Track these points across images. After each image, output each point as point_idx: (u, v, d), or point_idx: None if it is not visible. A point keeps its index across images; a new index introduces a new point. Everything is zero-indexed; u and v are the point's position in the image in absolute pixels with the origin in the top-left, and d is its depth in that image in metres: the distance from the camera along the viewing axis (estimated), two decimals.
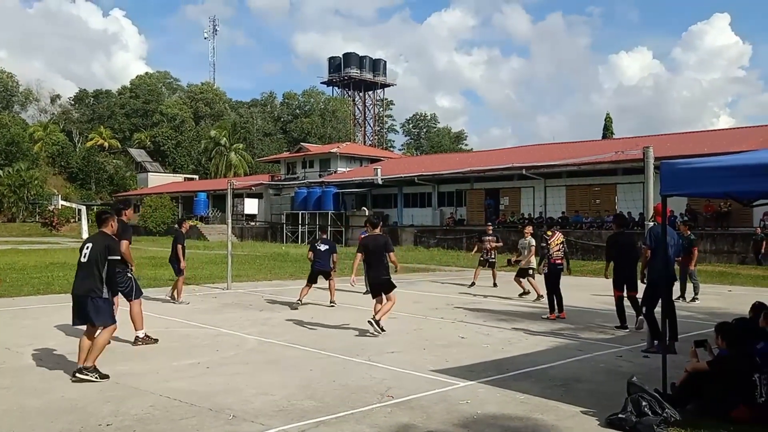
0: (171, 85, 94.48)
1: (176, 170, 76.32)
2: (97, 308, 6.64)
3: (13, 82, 79.54)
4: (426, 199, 40.72)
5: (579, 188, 32.64)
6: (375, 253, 9.16)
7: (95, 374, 6.53)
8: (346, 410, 5.61)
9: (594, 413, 5.56)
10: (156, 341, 8.57)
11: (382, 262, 9.15)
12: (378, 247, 9.17)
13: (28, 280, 15.94)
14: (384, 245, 9.20)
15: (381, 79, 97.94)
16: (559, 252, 11.27)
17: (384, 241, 9.27)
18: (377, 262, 9.17)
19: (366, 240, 9.42)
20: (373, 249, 9.18)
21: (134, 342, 8.49)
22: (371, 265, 9.28)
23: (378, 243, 9.21)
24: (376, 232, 9.39)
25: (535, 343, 8.90)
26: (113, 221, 7.19)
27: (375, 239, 9.27)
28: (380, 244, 9.20)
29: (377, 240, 9.25)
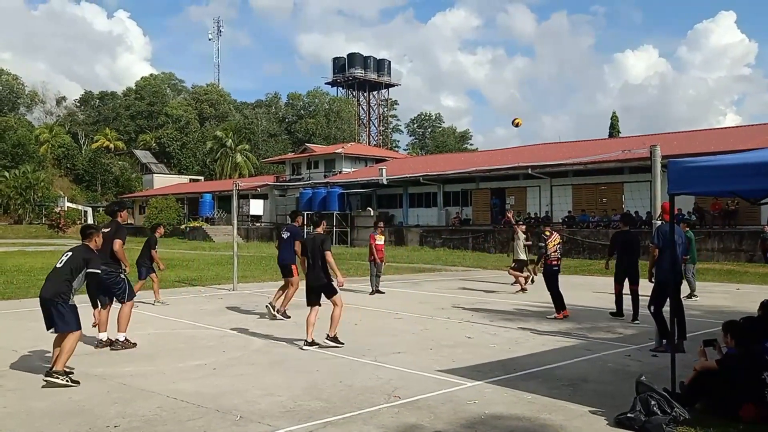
0: (176, 87, 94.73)
1: (181, 171, 76.53)
2: (61, 314, 6.58)
3: (18, 84, 79.95)
4: (431, 199, 40.69)
5: (585, 187, 32.56)
6: (312, 254, 8.47)
7: (65, 377, 6.41)
8: (353, 411, 5.60)
9: (602, 413, 5.53)
10: (134, 345, 8.37)
11: (320, 263, 8.40)
12: (315, 246, 8.47)
13: (35, 282, 15.95)
14: (321, 244, 8.46)
15: (385, 79, 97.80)
16: (556, 253, 11.20)
17: (321, 239, 8.56)
18: (314, 263, 8.45)
19: (305, 240, 8.89)
20: (311, 249, 8.51)
21: (112, 344, 8.30)
22: (309, 266, 8.56)
23: (315, 242, 8.51)
24: (318, 230, 8.77)
25: (542, 342, 8.87)
26: (97, 237, 7.23)
27: (313, 239, 8.61)
28: (317, 243, 8.49)
29: (315, 239, 8.58)
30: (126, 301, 8.47)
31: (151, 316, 11.23)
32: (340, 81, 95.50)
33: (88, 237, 7.12)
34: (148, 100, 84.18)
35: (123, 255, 8.45)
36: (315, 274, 8.44)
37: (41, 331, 9.41)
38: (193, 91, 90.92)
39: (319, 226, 8.92)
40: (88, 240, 7.11)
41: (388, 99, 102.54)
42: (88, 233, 7.16)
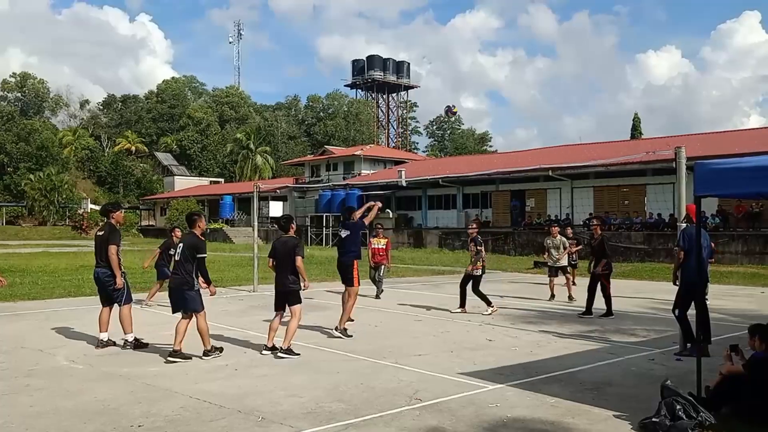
0: (197, 90, 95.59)
1: (202, 173, 77.19)
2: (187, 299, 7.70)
3: (44, 88, 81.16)
4: (451, 200, 40.59)
5: (607, 189, 32.25)
6: (282, 258, 8.15)
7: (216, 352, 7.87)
8: (374, 413, 5.60)
9: (626, 417, 5.48)
10: (147, 345, 8.44)
11: (289, 268, 8.09)
12: (286, 251, 8.14)
13: (60, 283, 16.22)
14: (292, 249, 8.12)
15: (404, 81, 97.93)
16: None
17: (293, 243, 8.22)
18: (284, 268, 8.13)
19: (275, 243, 8.41)
20: (281, 253, 8.17)
21: (123, 345, 8.40)
22: (277, 270, 8.23)
23: (287, 246, 8.17)
24: (290, 233, 8.36)
25: (565, 345, 8.80)
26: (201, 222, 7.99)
27: (284, 242, 8.25)
28: (289, 247, 8.15)
29: (287, 243, 8.22)
30: (124, 304, 8.42)
31: (174, 317, 11.31)
32: (359, 83, 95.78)
33: (193, 224, 7.88)
34: (169, 103, 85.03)
35: (116, 263, 8.25)
36: (282, 279, 8.18)
37: (67, 331, 9.60)
38: (213, 94, 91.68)
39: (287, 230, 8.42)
40: (194, 227, 7.86)
41: (407, 101, 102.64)
42: (192, 220, 7.93)
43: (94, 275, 8.59)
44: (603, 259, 11.43)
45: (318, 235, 44.34)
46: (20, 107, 76.93)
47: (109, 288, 8.40)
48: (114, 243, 8.28)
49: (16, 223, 59.39)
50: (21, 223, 59.45)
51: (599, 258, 11.50)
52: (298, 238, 8.58)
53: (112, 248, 8.23)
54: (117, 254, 8.28)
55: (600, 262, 11.41)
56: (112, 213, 8.67)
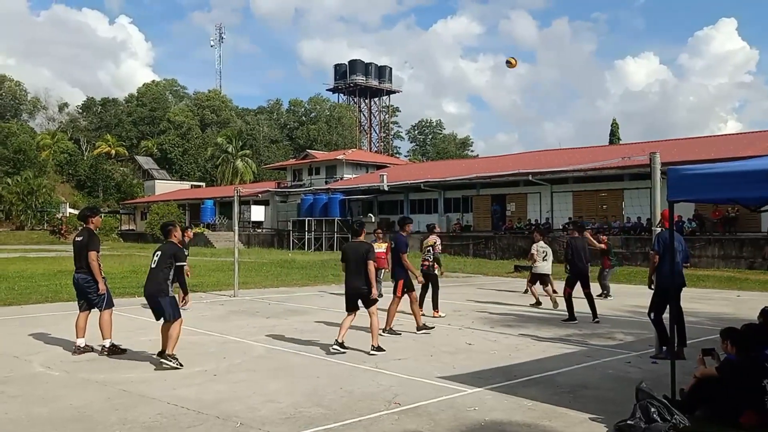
0: (178, 93, 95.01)
1: (183, 177, 76.65)
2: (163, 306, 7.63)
3: (21, 91, 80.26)
4: (432, 205, 40.73)
5: (586, 194, 32.58)
6: (355, 262, 8.46)
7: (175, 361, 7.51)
8: (354, 417, 5.61)
9: (602, 420, 5.54)
10: (125, 351, 8.37)
11: (361, 272, 8.39)
12: (359, 255, 8.44)
13: (36, 288, 16.01)
14: (365, 253, 8.43)
15: (386, 86, 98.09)
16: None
17: (366, 249, 8.53)
18: (356, 272, 8.43)
19: (347, 247, 8.74)
20: (354, 257, 8.48)
21: (101, 351, 8.32)
22: (349, 274, 8.54)
23: (359, 251, 8.49)
24: (360, 238, 8.75)
25: (543, 349, 8.87)
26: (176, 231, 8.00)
27: (356, 247, 8.57)
28: (361, 252, 8.46)
29: (358, 248, 8.53)
30: (104, 309, 8.35)
31: (152, 322, 11.22)
32: (341, 87, 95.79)
33: (169, 234, 7.89)
34: (149, 106, 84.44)
35: (97, 268, 8.20)
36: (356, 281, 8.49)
37: (43, 337, 9.49)
38: (195, 98, 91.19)
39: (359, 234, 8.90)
40: (170, 236, 7.87)
41: (389, 105, 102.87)
42: (167, 230, 7.95)
43: (74, 280, 8.49)
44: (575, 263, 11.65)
45: (300, 239, 44.22)
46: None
47: (89, 294, 8.32)
48: (93, 249, 8.23)
49: None
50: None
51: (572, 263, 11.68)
52: (369, 243, 8.86)
53: (92, 254, 8.17)
54: (97, 260, 8.22)
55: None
56: (91, 218, 8.58)
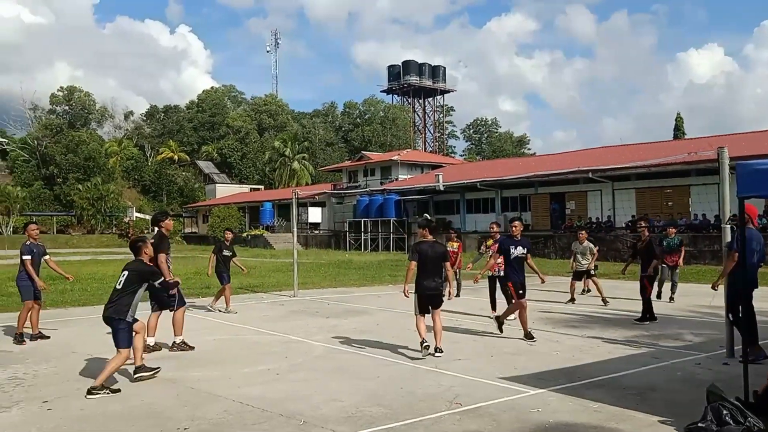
0: (236, 98, 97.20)
1: (242, 181, 78.37)
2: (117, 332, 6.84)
3: (90, 101, 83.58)
4: (489, 204, 40.31)
5: (650, 191, 31.60)
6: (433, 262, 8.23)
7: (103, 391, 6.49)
8: (415, 417, 5.61)
9: (671, 422, 5.37)
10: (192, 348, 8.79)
11: (437, 272, 8.29)
12: (436, 255, 8.27)
13: (108, 289, 16.58)
14: (443, 254, 8.38)
15: (441, 86, 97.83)
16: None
17: (443, 249, 8.43)
18: (432, 272, 8.23)
19: (423, 246, 8.35)
20: (431, 257, 8.22)
21: (171, 347, 8.78)
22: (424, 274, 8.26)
23: (437, 251, 8.31)
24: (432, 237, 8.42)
25: (608, 350, 8.66)
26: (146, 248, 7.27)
27: (433, 246, 8.32)
28: (439, 252, 8.32)
29: (435, 247, 8.33)
30: (177, 309, 8.78)
31: (217, 322, 11.55)
32: (395, 88, 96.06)
33: (138, 251, 7.21)
34: (209, 112, 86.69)
35: (166, 270, 8.50)
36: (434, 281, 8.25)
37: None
38: (252, 103, 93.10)
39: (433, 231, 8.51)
40: (139, 254, 7.19)
41: (443, 105, 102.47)
42: (137, 248, 7.23)
43: None
44: (652, 260, 11.17)
45: (356, 240, 44.52)
46: (68, 120, 79.39)
47: (162, 295, 8.66)
48: (162, 251, 8.58)
49: (66, 231, 61.31)
50: (71, 231, 61.37)
51: (648, 260, 11.23)
52: (443, 244, 8.71)
53: (161, 256, 8.52)
54: (166, 262, 8.58)
55: (649, 265, 11.14)
56: (161, 221, 9.07)
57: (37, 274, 9.68)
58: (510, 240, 9.55)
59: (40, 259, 9.81)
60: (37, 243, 9.82)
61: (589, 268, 14.10)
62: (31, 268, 9.50)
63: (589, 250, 14.14)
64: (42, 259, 9.84)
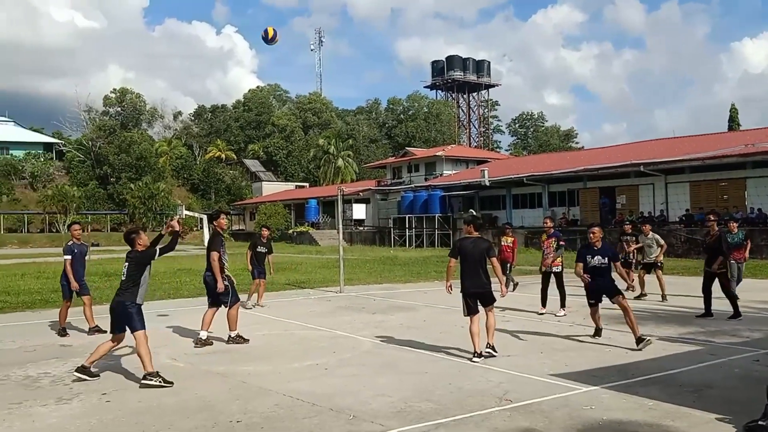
0: (281, 97, 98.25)
1: (287, 178, 79.30)
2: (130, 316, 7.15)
3: (140, 102, 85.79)
4: (536, 199, 39.76)
5: (704, 184, 30.61)
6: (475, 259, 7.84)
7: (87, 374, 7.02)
8: (464, 413, 5.58)
9: (729, 420, 5.21)
10: (247, 341, 9.00)
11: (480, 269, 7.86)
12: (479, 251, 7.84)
13: (160, 286, 17.09)
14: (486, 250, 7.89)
15: (485, 80, 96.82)
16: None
17: (487, 245, 7.96)
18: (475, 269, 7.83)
19: (463, 242, 8.02)
20: (473, 254, 7.84)
21: (227, 340, 9.03)
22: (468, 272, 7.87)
23: (479, 247, 7.88)
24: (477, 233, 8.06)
25: (662, 347, 8.43)
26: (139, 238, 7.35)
27: (476, 243, 7.92)
28: (482, 248, 7.88)
29: (478, 243, 7.91)
30: (231, 305, 8.98)
31: (266, 317, 11.72)
32: (439, 84, 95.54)
33: (132, 242, 7.32)
34: (255, 111, 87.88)
35: (217, 268, 8.78)
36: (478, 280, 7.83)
37: (168, 332, 10.13)
38: (297, 101, 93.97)
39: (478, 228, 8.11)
40: (134, 246, 7.31)
41: (488, 100, 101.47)
42: (131, 239, 7.35)
43: (203, 278, 9.24)
44: (719, 256, 10.78)
45: (401, 236, 44.54)
46: (120, 121, 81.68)
47: (215, 287, 8.89)
48: (213, 249, 8.88)
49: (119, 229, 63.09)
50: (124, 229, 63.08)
51: (715, 255, 10.85)
52: (488, 240, 8.52)
53: (213, 254, 8.83)
54: (218, 260, 8.81)
55: (716, 260, 10.77)
56: (215, 220, 9.47)
57: (83, 274, 10.05)
58: (587, 249, 8.93)
59: (83, 259, 10.12)
60: (79, 243, 10.13)
61: (658, 260, 13.82)
62: (70, 268, 9.78)
63: (656, 241, 13.89)
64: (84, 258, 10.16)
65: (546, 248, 12.00)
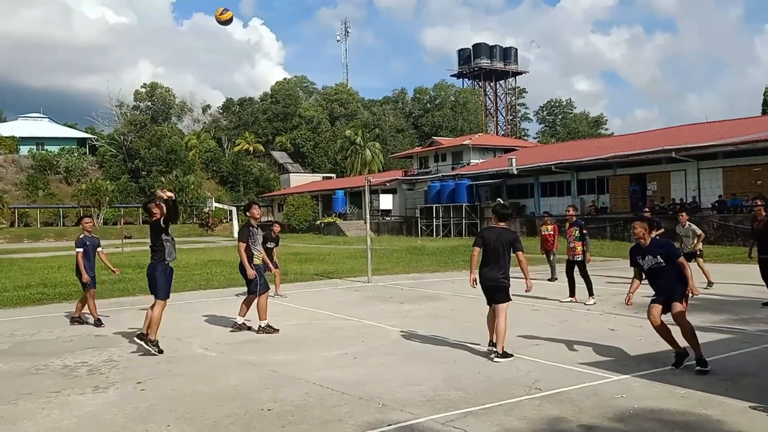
0: (307, 89, 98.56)
1: (315, 170, 79.63)
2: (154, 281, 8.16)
3: (170, 96, 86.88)
4: (564, 187, 39.31)
5: (738, 169, 29.94)
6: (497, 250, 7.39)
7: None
8: (494, 402, 5.58)
9: (764, 408, 5.14)
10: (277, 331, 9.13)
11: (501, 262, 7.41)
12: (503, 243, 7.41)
13: (191, 277, 17.35)
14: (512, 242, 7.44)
15: (512, 68, 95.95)
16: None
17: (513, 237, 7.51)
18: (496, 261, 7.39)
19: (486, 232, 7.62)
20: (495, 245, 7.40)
21: (258, 330, 9.15)
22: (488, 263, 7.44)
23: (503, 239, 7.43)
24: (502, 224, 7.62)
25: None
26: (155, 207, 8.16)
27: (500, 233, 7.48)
28: (507, 240, 7.44)
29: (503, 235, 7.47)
30: (260, 294, 9.12)
31: (295, 307, 11.84)
32: (465, 72, 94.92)
33: (149, 211, 8.20)
34: (282, 103, 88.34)
35: (244, 258, 9.02)
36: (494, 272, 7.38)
37: (199, 321, 10.30)
38: (323, 92, 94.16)
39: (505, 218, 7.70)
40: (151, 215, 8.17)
41: (515, 87, 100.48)
42: (148, 208, 8.24)
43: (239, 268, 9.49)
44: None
45: (428, 226, 44.47)
46: (151, 115, 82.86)
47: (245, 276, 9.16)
48: (241, 240, 9.16)
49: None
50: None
51: (765, 242, 10.60)
52: (515, 231, 8.27)
53: (239, 245, 9.12)
54: (245, 250, 9.04)
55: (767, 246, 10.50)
56: (246, 211, 9.67)
57: (93, 266, 10.25)
58: (636, 249, 7.20)
59: (94, 251, 10.32)
60: (91, 236, 10.33)
61: (696, 248, 13.58)
62: (81, 260, 9.97)
63: (692, 231, 13.67)
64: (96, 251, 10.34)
65: (568, 237, 11.93)
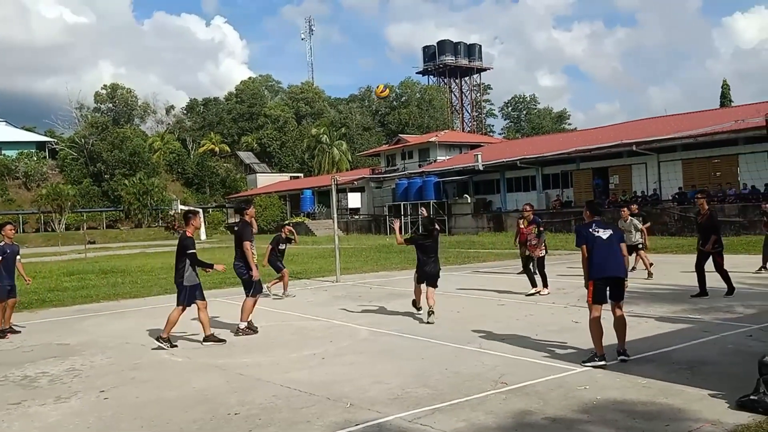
0: (273, 88, 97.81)
1: (282, 169, 79.10)
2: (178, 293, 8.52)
3: (132, 97, 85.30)
4: (530, 182, 39.82)
5: (696, 161, 30.70)
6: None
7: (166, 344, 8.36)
8: (461, 397, 5.64)
9: (723, 396, 5.28)
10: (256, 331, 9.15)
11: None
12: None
13: (157, 281, 17.11)
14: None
15: (477, 64, 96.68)
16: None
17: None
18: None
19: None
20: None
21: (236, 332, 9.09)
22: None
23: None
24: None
25: (656, 326, 8.51)
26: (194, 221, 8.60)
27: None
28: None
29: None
30: (250, 296, 9.08)
31: (263, 309, 11.74)
32: (430, 69, 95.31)
33: (187, 221, 8.60)
34: (248, 102, 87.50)
35: (250, 257, 8.95)
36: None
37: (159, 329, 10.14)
38: (289, 91, 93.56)
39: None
40: (188, 225, 8.55)
41: (480, 84, 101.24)
42: (187, 219, 8.64)
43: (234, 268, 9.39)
44: (713, 235, 10.77)
45: None
46: (112, 117, 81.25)
47: (243, 279, 9.11)
48: (246, 239, 9.05)
49: (114, 226, 63.00)
50: (119, 226, 63.00)
51: (708, 234, 10.86)
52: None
53: (245, 244, 9.00)
54: (251, 248, 8.99)
55: (710, 239, 10.77)
56: (245, 210, 9.63)
57: (12, 274, 10.02)
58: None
59: (15, 259, 10.11)
60: (11, 243, 10.13)
61: (637, 242, 14.00)
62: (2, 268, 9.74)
63: (634, 226, 13.98)
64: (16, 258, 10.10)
65: (528, 234, 12.11)
